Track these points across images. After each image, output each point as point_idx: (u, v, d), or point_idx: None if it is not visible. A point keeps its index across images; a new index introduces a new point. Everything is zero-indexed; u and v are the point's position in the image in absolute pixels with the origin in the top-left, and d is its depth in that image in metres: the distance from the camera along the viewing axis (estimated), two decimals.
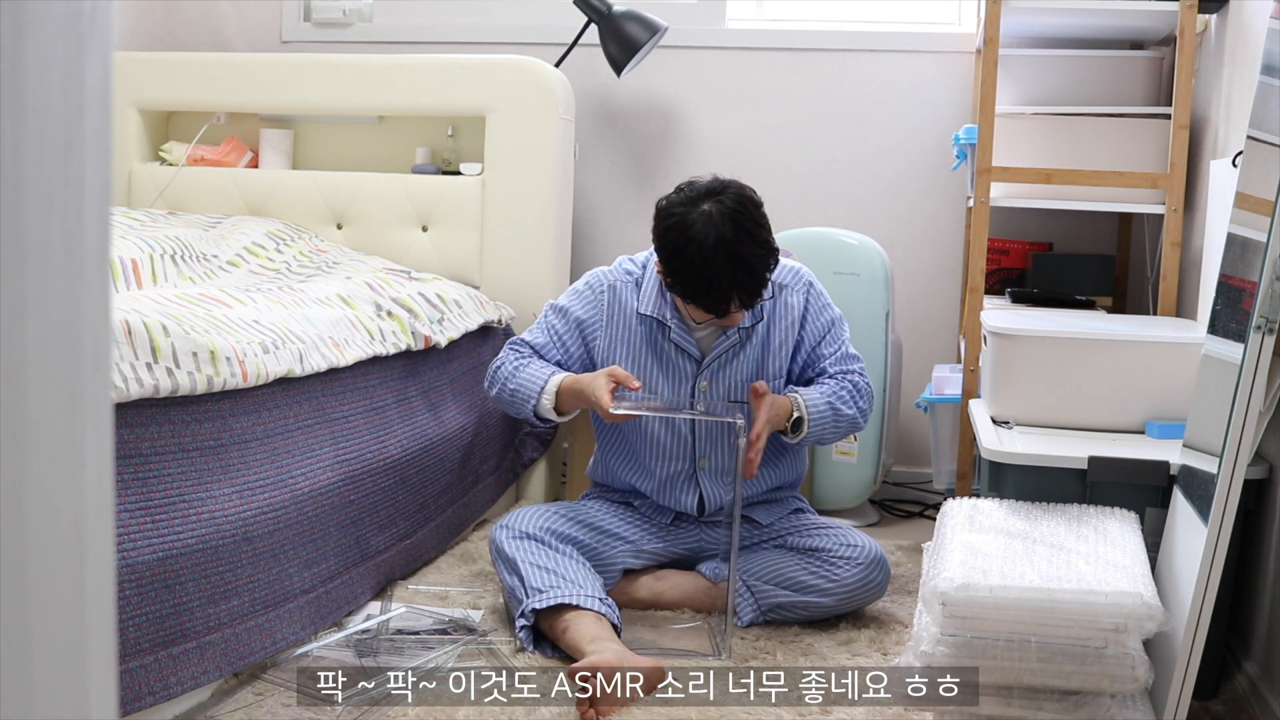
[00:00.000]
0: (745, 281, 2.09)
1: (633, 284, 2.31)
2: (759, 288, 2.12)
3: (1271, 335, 1.57)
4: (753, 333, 2.27)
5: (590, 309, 2.31)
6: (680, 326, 2.26)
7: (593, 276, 2.35)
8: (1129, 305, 3.24)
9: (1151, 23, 2.84)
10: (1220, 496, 1.61)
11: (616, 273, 2.34)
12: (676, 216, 2.10)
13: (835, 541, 2.24)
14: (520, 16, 3.59)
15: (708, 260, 2.06)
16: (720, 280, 2.07)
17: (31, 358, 0.56)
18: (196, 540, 1.71)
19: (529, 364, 2.29)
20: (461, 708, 1.79)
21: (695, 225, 2.08)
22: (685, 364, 2.27)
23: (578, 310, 2.32)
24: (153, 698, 1.61)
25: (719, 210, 2.09)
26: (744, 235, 2.08)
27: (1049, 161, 2.83)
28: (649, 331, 2.28)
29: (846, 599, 2.21)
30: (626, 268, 2.34)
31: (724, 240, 2.06)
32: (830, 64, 3.44)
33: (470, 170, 3.18)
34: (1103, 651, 1.61)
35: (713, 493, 2.32)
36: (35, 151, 0.55)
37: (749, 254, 2.08)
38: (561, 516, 2.24)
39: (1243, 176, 1.84)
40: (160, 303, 1.96)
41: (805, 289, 2.31)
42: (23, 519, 0.55)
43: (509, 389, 2.28)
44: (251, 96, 3.27)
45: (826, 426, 2.22)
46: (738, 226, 2.08)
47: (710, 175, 2.18)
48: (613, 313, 2.30)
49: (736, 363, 2.27)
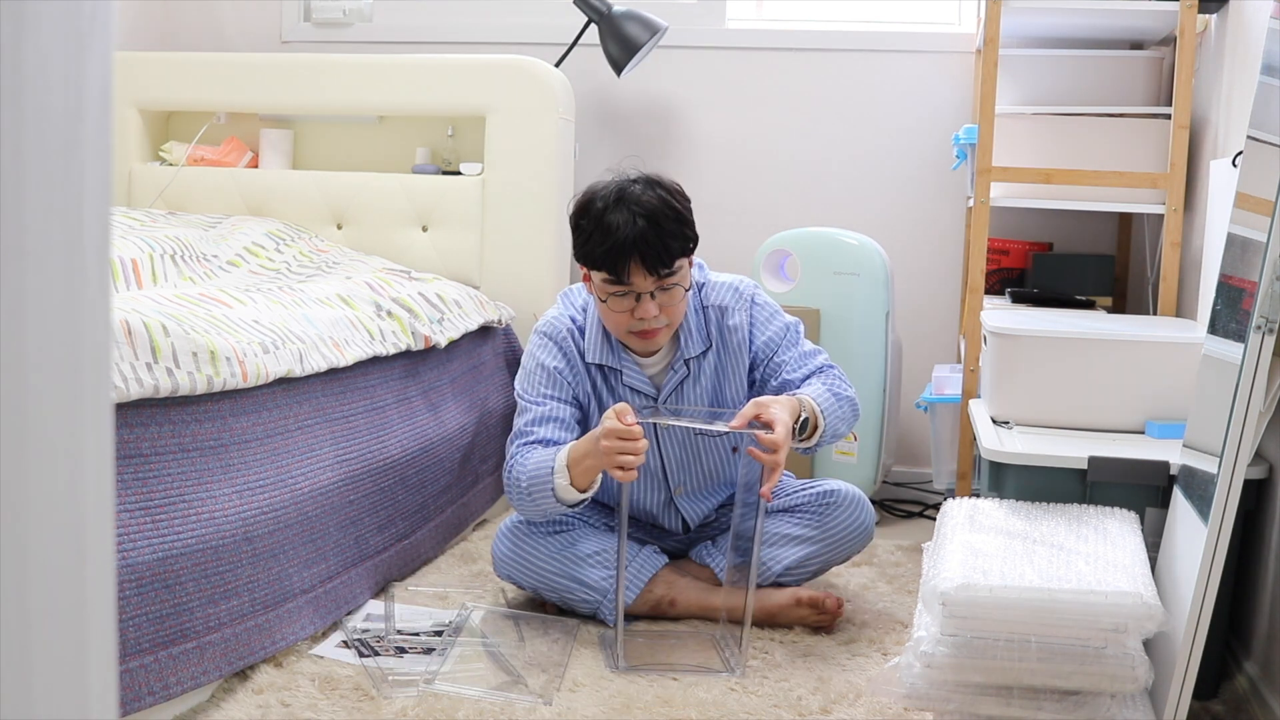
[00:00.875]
0: (648, 235, 2.06)
1: (578, 332, 2.26)
2: (664, 243, 2.08)
3: (1271, 335, 1.57)
4: (703, 362, 2.25)
5: (560, 358, 2.24)
6: (632, 368, 2.24)
7: (546, 326, 2.27)
8: (1129, 305, 3.24)
9: (1151, 23, 2.84)
10: (1220, 496, 1.61)
11: (562, 320, 2.27)
12: (588, 189, 2.17)
13: (815, 493, 2.30)
14: (520, 16, 3.59)
15: (607, 208, 2.10)
16: (619, 231, 2.06)
17: (31, 358, 0.56)
18: (196, 540, 1.71)
19: (530, 455, 2.13)
20: (461, 708, 1.79)
21: (601, 184, 2.15)
22: (642, 403, 2.24)
23: (551, 361, 2.23)
24: (153, 698, 1.61)
25: (630, 177, 2.15)
26: (651, 191, 2.11)
27: (1049, 161, 2.83)
28: (605, 377, 2.25)
29: (836, 544, 2.27)
30: (570, 314, 2.28)
31: (626, 191, 2.11)
32: (830, 64, 3.44)
33: (470, 170, 3.18)
34: (1103, 651, 1.61)
35: (694, 513, 2.35)
36: (35, 151, 0.55)
37: (653, 208, 2.09)
38: (548, 555, 2.23)
39: (1243, 176, 1.84)
40: (160, 303, 1.96)
41: (748, 307, 2.27)
42: (23, 519, 0.55)
43: (524, 488, 2.12)
44: (251, 96, 3.27)
45: (834, 413, 2.17)
46: (647, 185, 2.13)
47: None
48: (573, 361, 2.24)
49: (693, 394, 2.25)
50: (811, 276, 3.04)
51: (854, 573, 2.53)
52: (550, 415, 2.19)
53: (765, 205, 3.46)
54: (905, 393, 3.27)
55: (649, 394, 2.25)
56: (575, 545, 2.22)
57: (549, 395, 2.21)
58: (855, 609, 2.32)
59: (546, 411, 2.19)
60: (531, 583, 2.23)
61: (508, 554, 2.24)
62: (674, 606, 2.23)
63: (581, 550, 2.21)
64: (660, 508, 2.34)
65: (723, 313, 2.26)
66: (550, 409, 2.19)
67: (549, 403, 2.20)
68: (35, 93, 0.55)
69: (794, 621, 2.19)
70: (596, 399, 2.26)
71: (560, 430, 2.18)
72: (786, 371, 2.24)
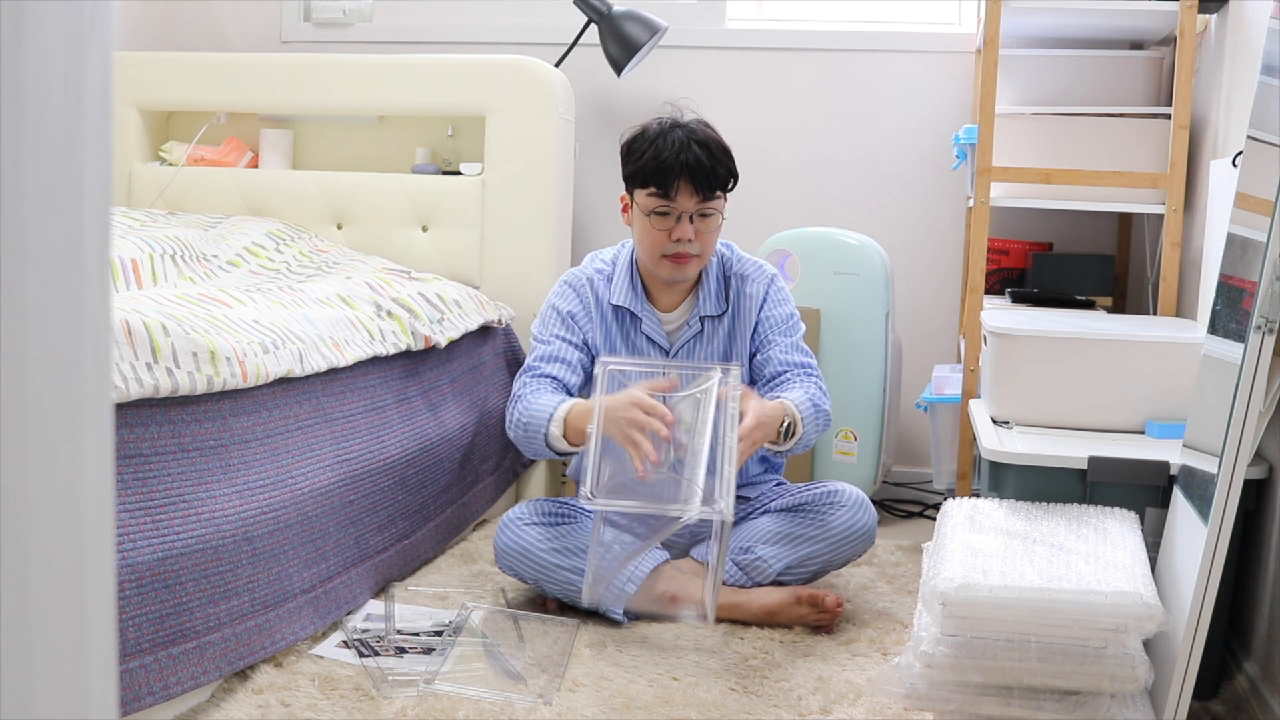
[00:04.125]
0: (698, 158, 2.23)
1: (604, 279, 2.41)
2: (713, 168, 2.24)
3: (1271, 335, 1.57)
4: (719, 323, 2.38)
5: (576, 303, 2.39)
6: (651, 317, 2.37)
7: (569, 275, 2.44)
8: (1129, 305, 3.24)
9: (1151, 23, 2.84)
10: (1220, 496, 1.61)
11: (589, 269, 2.43)
12: (640, 126, 2.34)
13: (818, 493, 2.33)
14: (520, 16, 3.59)
15: (663, 133, 2.26)
16: (672, 149, 2.23)
17: (31, 358, 0.56)
18: (196, 540, 1.71)
19: (538, 396, 2.25)
20: (461, 708, 1.79)
21: (654, 121, 2.32)
22: (654, 354, 2.37)
23: (566, 305, 2.39)
24: (153, 698, 1.61)
25: (682, 115, 2.32)
26: (704, 126, 2.30)
27: (1049, 161, 2.83)
28: (622, 323, 2.38)
29: (837, 545, 2.29)
30: (597, 266, 2.44)
31: (682, 121, 2.30)
32: (830, 64, 3.44)
33: (470, 170, 3.18)
34: (1103, 651, 1.61)
35: None
36: (35, 151, 0.55)
37: (705, 136, 2.26)
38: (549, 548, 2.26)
39: (1243, 176, 1.84)
40: (160, 303, 1.96)
41: (768, 281, 2.42)
42: (23, 519, 0.55)
43: (522, 424, 2.24)
44: (251, 96, 3.27)
45: (811, 423, 2.26)
46: (699, 122, 2.31)
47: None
48: (590, 306, 2.38)
49: (705, 353, 2.37)
50: (811, 276, 3.04)
51: (854, 573, 2.53)
52: (559, 355, 2.33)
53: (765, 205, 3.46)
54: (905, 393, 3.27)
55: (662, 346, 2.37)
56: (577, 536, 2.24)
57: (560, 336, 2.36)
58: (855, 609, 2.32)
59: (555, 350, 2.33)
60: (533, 574, 2.24)
61: (510, 546, 2.25)
62: (674, 603, 2.23)
63: (584, 542, 2.22)
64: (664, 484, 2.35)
65: (743, 280, 2.41)
66: (559, 348, 2.34)
67: (556, 342, 2.35)
68: (35, 93, 0.55)
69: (793, 620, 2.20)
70: (608, 341, 2.36)
71: (566, 370, 2.31)
72: (774, 350, 2.35)
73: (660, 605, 2.23)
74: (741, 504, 2.40)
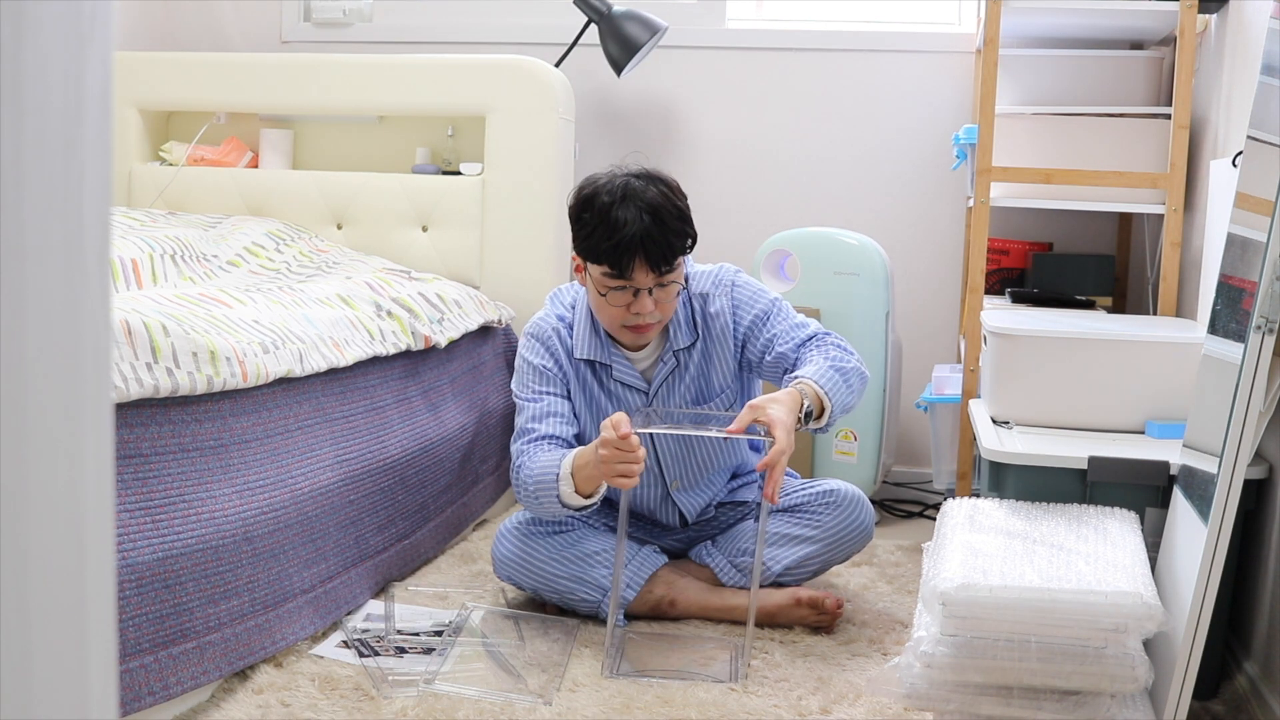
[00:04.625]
0: (653, 232, 2.07)
1: (567, 327, 2.27)
2: (668, 241, 2.09)
3: (1271, 335, 1.57)
4: (692, 351, 2.26)
5: (547, 356, 2.26)
6: (622, 363, 2.25)
7: (533, 327, 2.29)
8: (1129, 305, 3.24)
9: (1151, 23, 2.84)
10: (1220, 496, 1.60)
11: (550, 318, 2.28)
12: (589, 181, 2.18)
13: (815, 493, 2.31)
14: (520, 16, 3.59)
15: (613, 203, 2.10)
16: (623, 228, 2.07)
17: (31, 358, 0.56)
18: (196, 540, 1.71)
19: (537, 456, 2.14)
20: (461, 708, 1.79)
21: (604, 178, 2.15)
22: (633, 397, 2.26)
23: (538, 360, 2.25)
24: (153, 698, 1.61)
25: (631, 172, 2.16)
26: (654, 188, 2.12)
27: (1049, 161, 2.83)
28: (594, 371, 2.27)
29: (836, 544, 2.28)
30: (559, 312, 2.30)
31: (632, 188, 2.11)
32: (830, 64, 3.44)
33: (470, 170, 3.18)
34: (1103, 651, 1.61)
35: (691, 506, 2.36)
36: (35, 151, 0.55)
37: (657, 203, 2.10)
38: (547, 556, 2.23)
39: (1243, 176, 1.84)
40: (160, 303, 1.96)
41: (728, 291, 2.27)
42: (23, 519, 0.55)
43: (531, 491, 2.13)
44: (251, 96, 3.27)
45: (840, 389, 2.12)
46: (649, 181, 2.13)
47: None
48: (561, 358, 2.26)
49: (682, 385, 2.26)
50: (811, 276, 3.04)
51: (854, 573, 2.53)
52: (549, 410, 2.21)
53: (765, 205, 3.46)
54: (905, 393, 3.27)
55: (640, 389, 2.26)
56: (577, 545, 2.23)
57: (543, 391, 2.23)
58: (855, 609, 2.32)
59: (544, 407, 2.21)
60: (533, 584, 2.23)
61: (509, 555, 2.24)
62: (674, 607, 2.23)
63: (584, 549, 2.22)
64: (657, 503, 2.35)
65: (704, 300, 2.27)
66: (548, 404, 2.22)
67: (545, 398, 2.22)
68: (35, 93, 0.55)
69: (793, 621, 2.19)
70: (586, 395, 2.27)
71: (561, 424, 2.20)
72: (780, 344, 2.22)
73: (659, 610, 2.23)
74: (740, 506, 2.41)
